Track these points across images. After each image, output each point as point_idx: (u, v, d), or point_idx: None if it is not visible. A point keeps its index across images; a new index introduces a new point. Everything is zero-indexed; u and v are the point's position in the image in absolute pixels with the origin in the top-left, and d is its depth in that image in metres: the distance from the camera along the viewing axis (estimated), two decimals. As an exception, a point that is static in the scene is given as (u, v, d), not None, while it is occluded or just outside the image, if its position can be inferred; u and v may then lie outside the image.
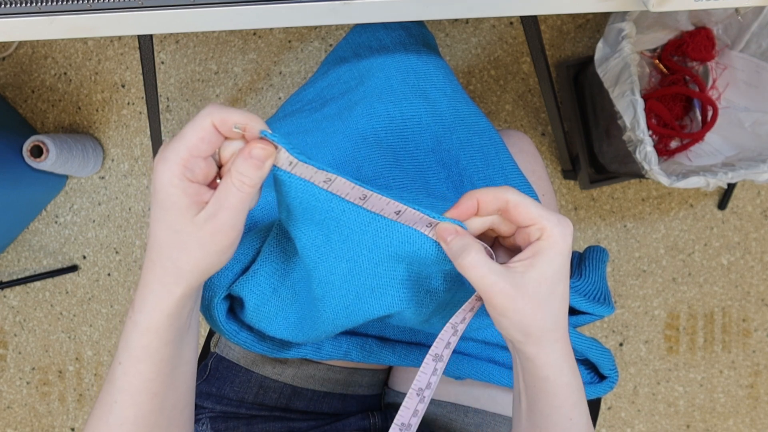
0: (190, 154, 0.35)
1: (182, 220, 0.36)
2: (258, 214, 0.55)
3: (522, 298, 0.37)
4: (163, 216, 0.36)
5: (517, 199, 0.38)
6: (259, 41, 1.30)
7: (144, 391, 0.40)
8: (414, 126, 0.62)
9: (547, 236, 0.37)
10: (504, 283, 0.37)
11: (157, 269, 0.37)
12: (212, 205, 0.36)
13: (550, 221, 0.37)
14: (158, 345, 0.39)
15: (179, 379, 0.42)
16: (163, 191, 0.35)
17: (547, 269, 0.37)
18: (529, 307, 0.37)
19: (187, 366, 0.43)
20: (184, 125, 0.36)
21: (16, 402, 1.34)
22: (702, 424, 1.35)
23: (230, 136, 0.36)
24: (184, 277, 0.37)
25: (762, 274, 1.33)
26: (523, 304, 0.37)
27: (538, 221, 0.37)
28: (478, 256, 0.37)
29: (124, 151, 1.31)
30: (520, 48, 1.29)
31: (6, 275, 1.32)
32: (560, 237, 0.37)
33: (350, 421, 0.62)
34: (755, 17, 1.01)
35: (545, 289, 0.37)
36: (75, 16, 0.51)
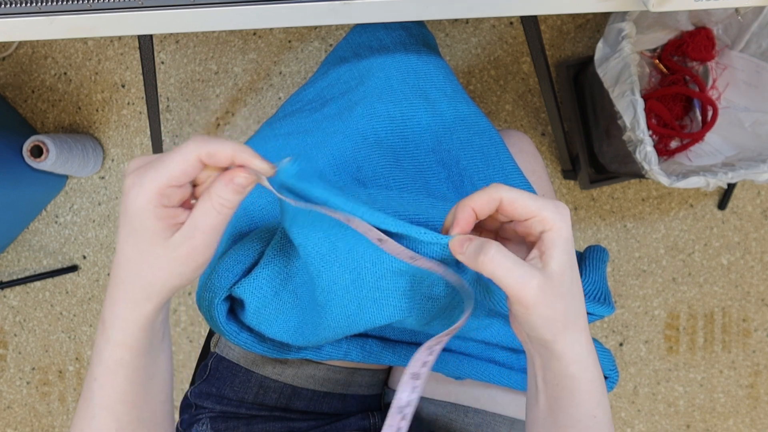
0: (168, 184, 0.34)
1: (155, 243, 0.35)
2: (258, 215, 0.55)
3: (552, 292, 0.36)
4: (134, 238, 0.36)
5: (511, 196, 0.37)
6: (259, 41, 1.30)
7: (121, 402, 0.39)
8: (414, 126, 0.62)
9: (550, 227, 0.37)
10: (533, 276, 0.36)
11: (127, 286, 0.37)
12: (188, 227, 0.36)
13: (549, 211, 0.37)
14: (131, 357, 0.39)
15: (156, 389, 0.42)
16: (136, 216, 0.35)
17: (564, 259, 0.37)
18: (560, 299, 0.37)
19: (163, 374, 0.43)
20: (167, 152, 0.35)
21: (16, 402, 1.34)
22: (702, 424, 1.35)
23: (216, 167, 0.36)
24: (156, 293, 0.37)
25: (762, 274, 1.33)
26: (554, 299, 0.36)
27: (537, 213, 0.37)
28: (500, 251, 0.36)
29: (124, 151, 1.31)
30: (520, 48, 1.29)
31: (6, 275, 1.32)
32: (564, 224, 0.37)
33: (350, 421, 0.61)
34: (755, 17, 1.01)
35: (568, 279, 0.37)
36: (75, 16, 0.51)
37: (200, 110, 1.31)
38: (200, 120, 1.31)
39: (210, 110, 1.31)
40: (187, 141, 0.35)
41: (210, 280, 0.50)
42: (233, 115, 1.31)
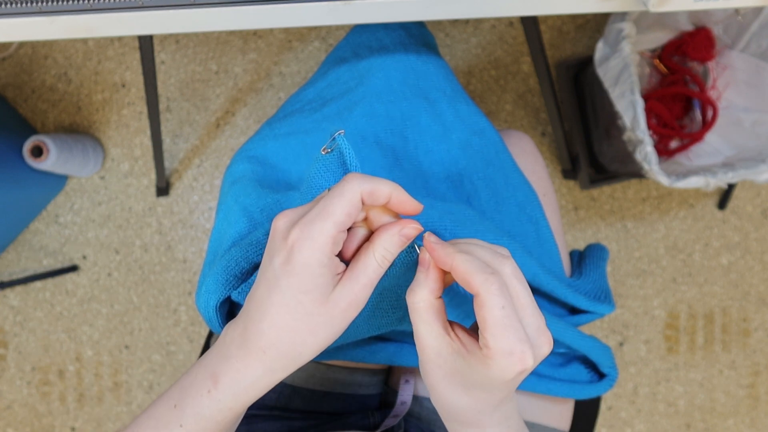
0: (339, 230, 0.32)
1: (319, 301, 0.33)
2: (258, 215, 0.55)
3: (453, 387, 0.35)
4: (297, 301, 0.33)
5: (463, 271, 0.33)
6: (259, 41, 1.30)
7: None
8: (414, 126, 0.62)
9: (492, 354, 0.32)
10: (444, 362, 0.35)
11: (269, 356, 0.34)
12: (349, 280, 0.34)
13: (497, 343, 0.32)
14: (231, 420, 0.38)
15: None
16: (308, 273, 0.32)
17: (496, 378, 0.33)
18: (456, 395, 0.35)
19: (234, 428, 0.42)
20: (324, 198, 0.32)
21: (17, 402, 1.34)
22: (702, 424, 1.35)
23: (374, 206, 0.34)
24: (299, 362, 0.35)
25: (762, 274, 1.33)
26: (450, 392, 0.35)
27: (487, 336, 0.32)
28: (431, 310, 0.35)
29: (125, 151, 1.31)
30: (520, 48, 1.29)
31: (6, 275, 1.32)
32: (507, 365, 0.33)
33: (350, 420, 0.61)
34: (755, 17, 1.01)
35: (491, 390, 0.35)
36: (75, 16, 0.51)
37: (200, 110, 1.31)
38: (200, 120, 1.31)
39: (210, 110, 1.31)
40: (344, 181, 0.32)
41: (209, 281, 0.50)
42: (233, 115, 1.31)
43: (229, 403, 0.36)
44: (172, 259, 1.32)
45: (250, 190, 0.57)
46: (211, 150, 1.31)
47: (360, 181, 0.32)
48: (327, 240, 0.32)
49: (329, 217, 0.32)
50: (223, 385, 0.36)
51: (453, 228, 0.54)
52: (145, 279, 1.32)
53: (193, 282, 1.33)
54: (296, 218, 0.33)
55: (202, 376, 0.37)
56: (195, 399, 0.37)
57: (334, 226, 0.32)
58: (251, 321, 0.35)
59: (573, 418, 0.68)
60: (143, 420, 0.39)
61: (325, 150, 0.38)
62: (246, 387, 0.36)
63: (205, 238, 1.32)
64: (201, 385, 0.37)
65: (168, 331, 1.33)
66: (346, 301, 0.34)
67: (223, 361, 0.36)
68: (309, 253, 0.32)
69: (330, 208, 0.32)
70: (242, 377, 0.35)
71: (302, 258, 0.32)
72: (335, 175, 0.38)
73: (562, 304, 0.64)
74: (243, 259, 0.49)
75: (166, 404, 0.38)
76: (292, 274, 0.32)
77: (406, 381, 0.65)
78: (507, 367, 0.32)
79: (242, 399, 0.36)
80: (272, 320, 0.34)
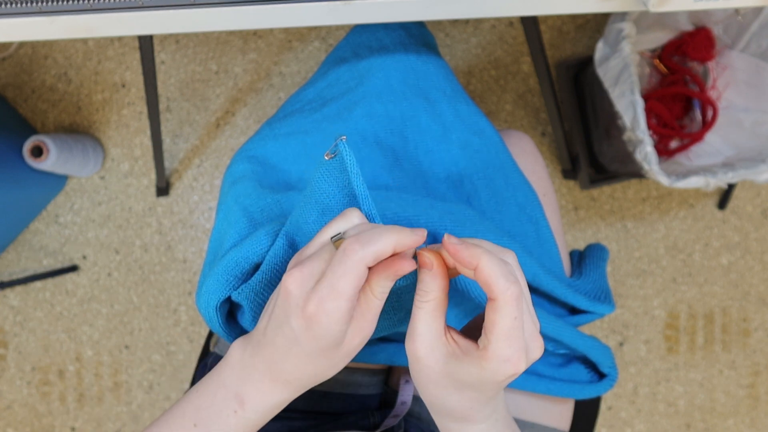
0: (351, 303, 0.35)
1: (337, 348, 0.36)
2: (258, 216, 0.55)
3: (443, 387, 0.36)
4: (317, 354, 0.36)
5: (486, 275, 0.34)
6: (259, 41, 1.30)
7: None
8: (414, 126, 0.62)
9: (490, 357, 0.34)
10: (436, 363, 0.36)
11: (294, 385, 0.39)
12: (357, 321, 0.36)
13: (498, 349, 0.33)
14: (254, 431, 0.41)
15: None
16: (329, 338, 0.35)
17: (488, 379, 0.35)
18: (446, 394, 0.37)
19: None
20: (330, 269, 0.34)
21: (17, 402, 1.34)
22: (702, 424, 1.35)
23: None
24: (310, 386, 0.39)
25: (762, 274, 1.33)
26: (440, 391, 0.37)
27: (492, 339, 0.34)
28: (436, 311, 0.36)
29: (125, 151, 1.31)
30: (520, 48, 1.29)
31: (6, 275, 1.32)
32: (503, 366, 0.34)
33: (350, 420, 0.61)
34: (755, 17, 1.01)
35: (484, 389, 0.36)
36: (75, 16, 0.51)
37: (200, 110, 1.31)
38: (200, 120, 1.31)
39: (210, 110, 1.31)
40: (348, 249, 0.34)
41: (210, 281, 0.50)
42: (233, 115, 1.31)
43: (258, 421, 0.40)
44: (172, 259, 1.32)
45: (250, 190, 0.57)
46: (211, 150, 1.31)
47: (362, 253, 0.34)
48: (343, 314, 0.34)
49: (340, 295, 0.34)
50: (252, 406, 0.39)
51: (453, 228, 0.54)
52: (145, 279, 1.32)
53: (193, 282, 1.33)
54: (308, 282, 0.35)
55: (223, 397, 0.40)
56: (221, 418, 0.39)
57: (346, 301, 0.34)
58: (275, 359, 0.38)
59: (573, 418, 0.68)
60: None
61: (328, 155, 0.39)
62: (273, 406, 0.39)
63: (205, 238, 1.32)
64: (226, 405, 0.39)
65: (168, 331, 1.33)
66: (359, 338, 0.37)
67: (249, 385, 0.39)
68: (327, 327, 0.35)
69: (339, 285, 0.34)
70: (270, 399, 0.39)
71: (322, 330, 0.35)
72: (338, 180, 0.39)
73: (562, 304, 0.64)
74: (243, 259, 0.48)
75: (182, 423, 0.40)
76: (313, 338, 0.35)
77: (406, 381, 0.65)
78: (501, 371, 0.34)
79: (268, 415, 0.40)
80: (295, 364, 0.37)
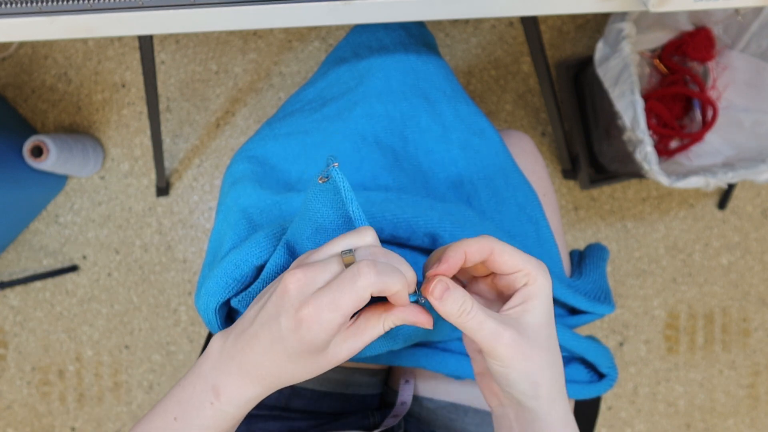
0: (346, 319, 0.35)
1: (321, 355, 0.37)
2: (257, 217, 0.55)
3: (528, 344, 0.36)
4: (299, 357, 0.36)
5: (502, 248, 0.37)
6: (259, 41, 1.30)
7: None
8: (414, 126, 0.62)
9: (533, 281, 0.37)
10: (507, 329, 0.36)
11: (267, 382, 0.38)
12: (353, 336, 0.37)
13: (534, 267, 0.37)
14: (232, 426, 0.40)
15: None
16: (314, 345, 0.35)
17: (542, 312, 0.37)
18: (536, 353, 0.36)
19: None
20: (336, 282, 0.34)
21: (17, 402, 1.34)
22: (702, 424, 1.35)
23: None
24: (283, 386, 0.39)
25: (762, 274, 1.33)
26: (530, 351, 0.36)
27: (523, 267, 0.37)
28: (476, 304, 0.36)
29: (125, 151, 1.31)
30: (520, 48, 1.29)
31: (6, 275, 1.32)
32: (546, 281, 0.37)
33: (350, 420, 0.61)
34: (755, 17, 1.01)
35: (545, 333, 0.37)
36: (75, 16, 0.51)
37: (200, 110, 1.31)
38: (200, 120, 1.31)
39: (210, 110, 1.31)
40: (363, 272, 0.34)
41: (209, 284, 0.50)
42: (233, 115, 1.31)
43: (232, 412, 0.39)
44: (172, 259, 1.32)
45: (249, 191, 0.57)
46: (211, 150, 1.31)
47: (374, 280, 0.34)
48: (335, 327, 0.35)
49: (339, 309, 0.34)
50: (226, 398, 0.39)
51: (452, 229, 0.54)
52: (145, 279, 1.32)
53: (193, 282, 1.33)
54: (308, 286, 0.35)
55: (201, 389, 0.39)
56: (198, 410, 0.39)
57: (342, 317, 0.34)
58: (254, 353, 0.37)
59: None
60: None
61: (321, 179, 0.39)
62: (248, 400, 0.39)
63: (205, 238, 1.32)
64: (202, 397, 0.39)
65: (168, 331, 1.33)
66: (345, 353, 0.37)
67: (224, 377, 0.39)
68: (316, 334, 0.35)
69: (341, 301, 0.34)
70: (243, 392, 0.39)
71: (311, 336, 0.35)
72: (332, 202, 0.39)
73: (561, 305, 0.64)
74: (242, 262, 0.48)
75: (164, 418, 0.40)
76: (298, 341, 0.35)
77: (406, 381, 0.65)
78: (545, 278, 0.37)
79: (244, 409, 0.39)
80: (273, 361, 0.37)
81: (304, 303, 0.34)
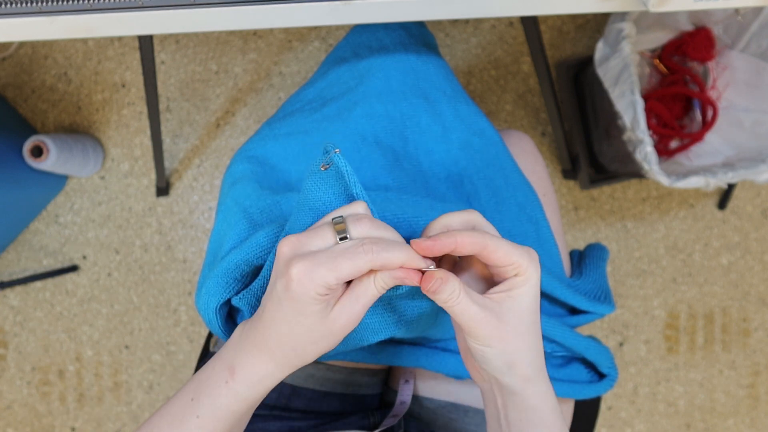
0: (338, 283, 0.36)
1: (317, 320, 0.37)
2: (257, 217, 0.55)
3: (506, 327, 0.38)
4: (296, 319, 0.37)
5: (495, 246, 0.38)
6: (259, 41, 1.30)
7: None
8: (414, 126, 0.62)
9: (523, 272, 0.38)
10: (487, 312, 0.37)
11: (278, 357, 0.39)
12: (348, 300, 0.37)
13: (524, 258, 0.38)
14: (245, 411, 0.41)
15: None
16: (303, 302, 0.36)
17: (526, 301, 0.38)
18: (513, 336, 0.38)
19: (245, 424, 0.45)
20: (339, 250, 0.35)
21: (17, 402, 1.34)
22: (702, 424, 1.35)
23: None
24: (305, 362, 0.39)
25: (762, 274, 1.33)
26: (506, 334, 0.38)
27: (514, 262, 0.38)
28: (462, 288, 0.37)
29: (125, 151, 1.31)
30: (520, 48, 1.29)
31: (6, 275, 1.32)
32: (535, 272, 0.38)
33: (350, 420, 0.61)
34: (755, 17, 1.01)
35: (527, 320, 0.39)
36: (75, 16, 0.51)
37: (200, 110, 1.31)
38: (200, 120, 1.31)
39: (210, 110, 1.31)
40: (366, 245, 0.35)
41: (210, 284, 0.50)
42: (233, 115, 1.31)
43: (244, 393, 0.40)
44: (172, 259, 1.32)
45: (249, 191, 0.57)
46: (211, 150, 1.31)
47: (375, 255, 0.35)
48: (324, 286, 0.35)
49: (334, 271, 0.35)
50: (240, 377, 0.39)
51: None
52: (145, 279, 1.32)
53: (193, 282, 1.33)
54: (299, 247, 0.37)
55: (219, 368, 0.40)
56: (212, 390, 0.40)
57: (335, 279, 0.35)
58: (263, 326, 0.39)
59: (573, 418, 0.68)
60: (159, 416, 0.42)
61: (324, 166, 0.39)
62: (260, 378, 0.40)
63: (205, 238, 1.32)
64: (218, 377, 0.40)
65: (168, 331, 1.33)
66: (344, 319, 0.38)
67: (240, 355, 0.40)
68: (304, 290, 0.35)
69: (339, 264, 0.35)
70: (257, 370, 0.39)
71: (299, 291, 0.36)
72: (333, 188, 0.40)
73: (561, 305, 0.64)
74: (243, 262, 0.48)
75: (182, 399, 0.41)
76: (290, 299, 0.36)
77: (406, 381, 0.65)
78: (534, 269, 0.38)
79: (256, 389, 0.40)
80: (278, 329, 0.38)
81: (295, 259, 0.36)
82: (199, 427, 0.40)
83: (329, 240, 0.37)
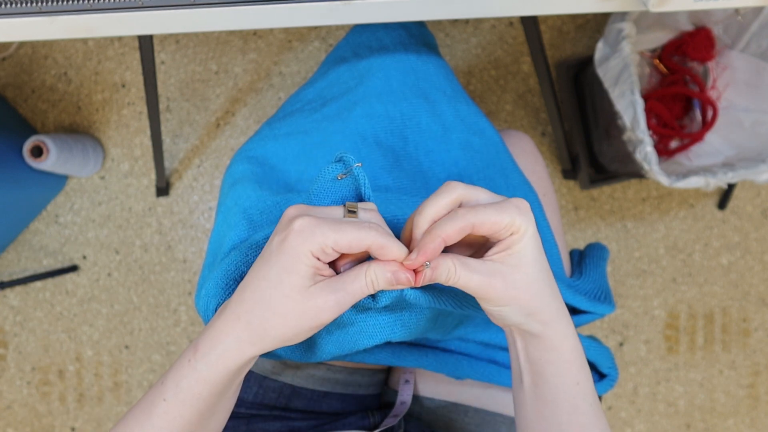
0: (334, 247, 0.36)
1: (297, 288, 0.36)
2: (257, 218, 0.55)
3: (515, 284, 0.38)
4: (278, 278, 0.36)
5: (482, 219, 0.37)
6: (259, 41, 1.30)
7: (179, 430, 0.40)
8: (414, 126, 0.62)
9: (517, 229, 0.38)
10: (491, 276, 0.37)
11: (240, 325, 0.37)
12: (335, 282, 0.37)
13: (513, 216, 0.37)
14: (209, 394, 0.39)
15: (213, 424, 0.42)
16: (294, 255, 0.36)
17: (527, 252, 0.38)
18: (523, 291, 0.38)
19: (225, 413, 0.43)
20: (345, 220, 0.36)
21: (17, 402, 1.34)
22: (702, 424, 1.35)
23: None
24: (265, 342, 0.37)
25: (762, 274, 1.33)
26: (517, 289, 0.38)
27: (506, 224, 0.37)
28: (459, 263, 0.38)
29: (125, 151, 1.31)
30: (520, 48, 1.29)
31: (6, 275, 1.32)
32: (528, 224, 0.38)
33: (350, 420, 0.61)
34: (755, 17, 1.01)
35: (533, 268, 0.38)
36: (75, 16, 0.51)
37: (200, 110, 1.31)
38: (200, 120, 1.31)
39: (210, 110, 1.31)
40: (368, 228, 0.36)
41: (210, 284, 0.50)
42: (233, 115, 1.31)
43: (204, 372, 0.38)
44: (172, 259, 1.32)
45: (249, 191, 0.57)
46: (211, 150, 1.31)
47: (379, 236, 0.36)
48: (320, 244, 0.35)
49: (336, 232, 0.35)
50: (200, 353, 0.38)
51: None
52: (145, 279, 1.32)
53: (193, 282, 1.33)
54: (307, 210, 0.37)
55: (189, 349, 0.40)
56: (177, 370, 0.39)
57: (334, 242, 0.35)
58: (241, 287, 0.38)
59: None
60: (134, 407, 0.41)
61: (341, 176, 0.40)
62: (219, 355, 0.38)
63: (205, 238, 1.32)
64: (184, 356, 0.39)
65: (168, 331, 1.33)
66: (322, 299, 0.36)
67: (207, 331, 0.39)
68: (301, 243, 0.35)
69: (344, 229, 0.36)
70: (215, 344, 0.38)
71: (294, 244, 0.36)
72: (344, 194, 0.41)
73: (562, 304, 0.64)
74: (243, 262, 0.48)
75: (157, 384, 0.41)
76: (282, 252, 0.36)
77: (406, 381, 0.65)
78: (527, 221, 0.37)
79: (215, 368, 0.38)
80: (253, 289, 0.37)
81: (301, 216, 0.36)
82: (165, 411, 0.39)
83: (338, 214, 0.38)
